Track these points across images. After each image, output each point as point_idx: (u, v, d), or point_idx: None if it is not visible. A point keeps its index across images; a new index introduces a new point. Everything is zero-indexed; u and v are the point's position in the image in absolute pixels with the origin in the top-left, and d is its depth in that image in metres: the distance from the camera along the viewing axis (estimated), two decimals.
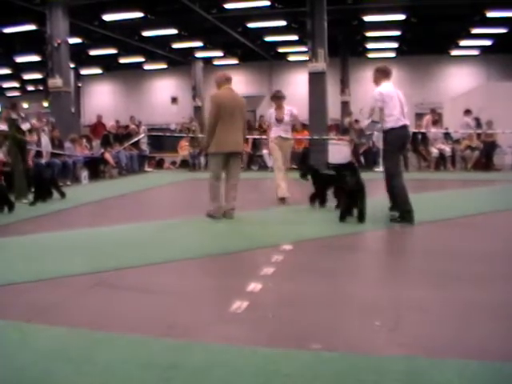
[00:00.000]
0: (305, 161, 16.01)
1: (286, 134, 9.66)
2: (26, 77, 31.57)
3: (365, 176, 7.46)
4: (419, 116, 21.79)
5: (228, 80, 8.04)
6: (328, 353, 3.17)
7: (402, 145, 7.65)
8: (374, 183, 8.65)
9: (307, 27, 17.74)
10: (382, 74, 7.67)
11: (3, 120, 11.18)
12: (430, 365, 2.97)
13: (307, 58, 17.82)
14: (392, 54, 27.98)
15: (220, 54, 27.12)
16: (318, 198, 8.73)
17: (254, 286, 4.51)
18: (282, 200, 9.35)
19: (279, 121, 9.59)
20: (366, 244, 6.58)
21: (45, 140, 13.00)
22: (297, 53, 26.38)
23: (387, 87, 7.48)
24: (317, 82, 17.09)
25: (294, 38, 23.25)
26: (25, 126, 10.76)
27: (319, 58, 17.03)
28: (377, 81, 7.69)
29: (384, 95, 7.35)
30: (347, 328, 3.67)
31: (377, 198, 8.05)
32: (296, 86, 26.65)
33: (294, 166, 16.77)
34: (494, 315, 3.81)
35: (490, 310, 3.92)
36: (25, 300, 4.48)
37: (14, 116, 10.52)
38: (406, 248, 6.46)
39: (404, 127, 7.44)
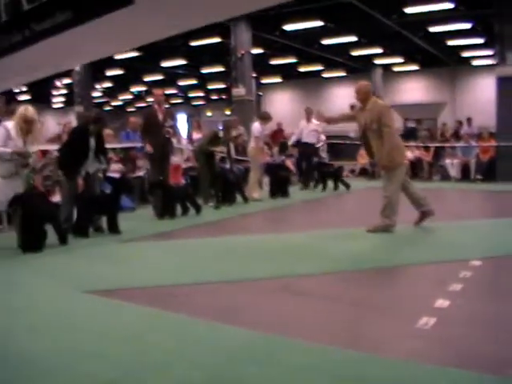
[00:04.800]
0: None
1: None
2: (210, 86, 33.29)
3: None
4: None
5: None
6: None
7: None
8: None
9: (494, 29, 16.77)
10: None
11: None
12: None
13: (493, 63, 16.82)
14: None
15: (400, 60, 26.57)
16: None
17: (442, 302, 4.33)
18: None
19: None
20: None
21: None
22: (481, 57, 25.03)
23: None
24: (506, 86, 16.07)
25: (479, 41, 22.10)
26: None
27: (508, 61, 16.02)
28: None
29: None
30: None
31: None
32: (480, 92, 25.34)
33: (479, 177, 16.02)
34: None
35: None
36: (213, 299, 4.72)
37: (220, 134, 11.25)
38: None
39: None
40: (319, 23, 18.98)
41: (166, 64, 25.36)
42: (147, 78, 30.00)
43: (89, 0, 1.93)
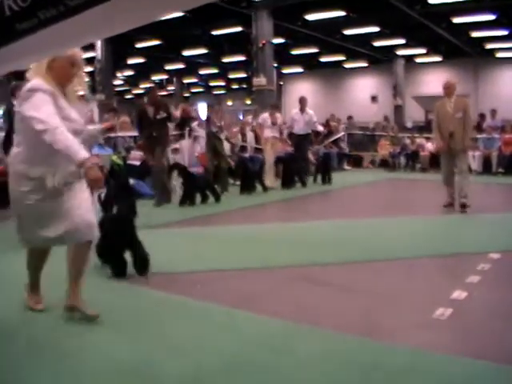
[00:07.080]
0: None
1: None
2: (231, 76, 33.29)
3: None
4: None
5: None
6: None
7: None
8: None
9: None
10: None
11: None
12: None
13: None
14: None
15: (423, 51, 26.31)
16: None
17: (459, 294, 4.34)
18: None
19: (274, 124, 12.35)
20: None
21: (249, 136, 13.65)
22: (505, 49, 24.68)
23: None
24: None
25: (503, 32, 21.80)
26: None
27: None
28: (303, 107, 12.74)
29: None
30: None
31: None
32: (504, 84, 25.09)
33: (501, 170, 15.83)
34: None
35: None
36: (232, 286, 4.76)
37: (213, 129, 11.13)
38: None
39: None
40: (341, 13, 18.85)
41: (187, 53, 25.39)
42: (168, 67, 30.11)
43: None
